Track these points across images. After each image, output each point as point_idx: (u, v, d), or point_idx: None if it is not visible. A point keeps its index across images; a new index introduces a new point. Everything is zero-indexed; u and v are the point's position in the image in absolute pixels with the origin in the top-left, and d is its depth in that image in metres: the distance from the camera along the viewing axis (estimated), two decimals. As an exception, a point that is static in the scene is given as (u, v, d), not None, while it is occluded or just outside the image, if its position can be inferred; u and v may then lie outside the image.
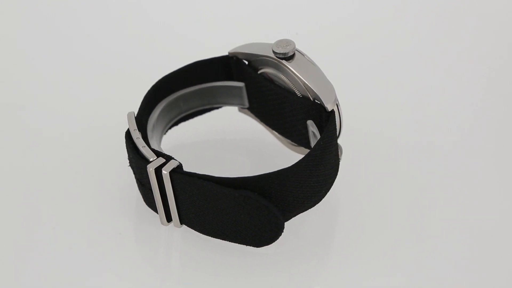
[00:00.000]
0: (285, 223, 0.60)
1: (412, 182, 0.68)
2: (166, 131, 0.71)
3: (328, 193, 0.63)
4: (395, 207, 0.66)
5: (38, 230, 0.64)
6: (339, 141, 0.65)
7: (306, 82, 0.64)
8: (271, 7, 0.89)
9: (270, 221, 0.59)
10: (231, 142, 0.73)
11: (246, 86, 0.70)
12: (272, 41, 0.65)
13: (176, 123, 0.71)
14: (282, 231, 0.60)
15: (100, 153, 0.71)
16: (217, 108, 0.72)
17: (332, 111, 0.63)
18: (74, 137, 0.73)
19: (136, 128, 0.63)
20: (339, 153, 0.65)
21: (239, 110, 0.72)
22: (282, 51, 0.65)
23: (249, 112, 0.72)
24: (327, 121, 0.63)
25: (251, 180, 0.59)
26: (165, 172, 0.60)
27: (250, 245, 0.61)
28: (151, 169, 0.60)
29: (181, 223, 0.63)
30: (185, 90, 0.70)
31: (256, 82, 0.68)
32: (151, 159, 0.61)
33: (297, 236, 0.64)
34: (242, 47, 0.69)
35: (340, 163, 0.64)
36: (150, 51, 0.85)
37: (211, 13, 0.89)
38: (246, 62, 0.69)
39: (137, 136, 0.62)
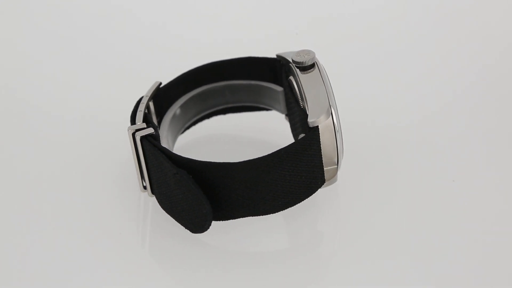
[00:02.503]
0: (281, 221, 0.61)
1: (412, 182, 0.67)
2: (209, 115, 0.73)
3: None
4: (394, 208, 0.65)
5: (37, 230, 0.65)
6: (339, 172, 0.63)
7: (305, 95, 0.62)
8: (271, 7, 0.86)
9: (198, 207, 0.59)
10: (265, 145, 0.72)
11: (283, 91, 0.70)
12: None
13: (222, 112, 0.73)
14: (210, 221, 0.59)
15: (100, 153, 0.72)
16: (267, 109, 0.73)
17: (313, 129, 0.61)
18: (74, 137, 0.75)
19: (150, 95, 0.67)
20: (328, 178, 0.62)
21: (285, 118, 0.72)
22: (298, 60, 0.64)
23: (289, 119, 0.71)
24: None
25: (197, 163, 0.59)
26: (137, 136, 0.62)
27: (187, 229, 0.61)
28: (130, 131, 0.63)
29: (153, 193, 0.65)
30: (233, 81, 0.72)
31: (285, 88, 0.68)
32: (137, 123, 0.64)
33: (292, 234, 0.65)
34: (286, 52, 0.68)
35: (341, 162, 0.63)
36: (150, 51, 0.86)
37: (211, 13, 0.89)
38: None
39: (142, 102, 0.66)
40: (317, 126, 0.60)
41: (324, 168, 0.63)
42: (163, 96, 0.69)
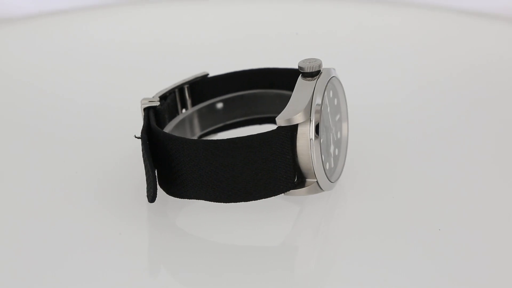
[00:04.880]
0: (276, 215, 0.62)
1: (412, 184, 0.66)
2: (261, 121, 0.73)
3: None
4: (394, 210, 0.63)
5: (36, 230, 0.64)
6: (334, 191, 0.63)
7: (291, 97, 0.62)
8: (271, 7, 0.81)
9: (148, 175, 0.61)
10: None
11: None
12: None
13: (275, 121, 0.73)
14: (153, 191, 0.60)
15: (100, 153, 0.72)
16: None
17: (279, 128, 0.59)
18: (73, 137, 0.75)
19: (188, 80, 0.70)
20: (306, 185, 0.61)
21: None
22: (301, 65, 0.62)
23: None
24: None
25: (161, 134, 0.62)
26: (142, 106, 0.67)
27: (147, 198, 0.63)
28: (142, 101, 0.67)
29: (152, 165, 0.68)
30: (284, 91, 0.71)
31: None
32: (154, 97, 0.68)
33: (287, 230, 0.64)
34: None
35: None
36: (153, 58, 0.88)
37: (210, 15, 0.86)
38: None
39: (176, 83, 0.70)
40: (283, 126, 0.59)
41: (307, 179, 0.61)
42: (206, 86, 0.71)
